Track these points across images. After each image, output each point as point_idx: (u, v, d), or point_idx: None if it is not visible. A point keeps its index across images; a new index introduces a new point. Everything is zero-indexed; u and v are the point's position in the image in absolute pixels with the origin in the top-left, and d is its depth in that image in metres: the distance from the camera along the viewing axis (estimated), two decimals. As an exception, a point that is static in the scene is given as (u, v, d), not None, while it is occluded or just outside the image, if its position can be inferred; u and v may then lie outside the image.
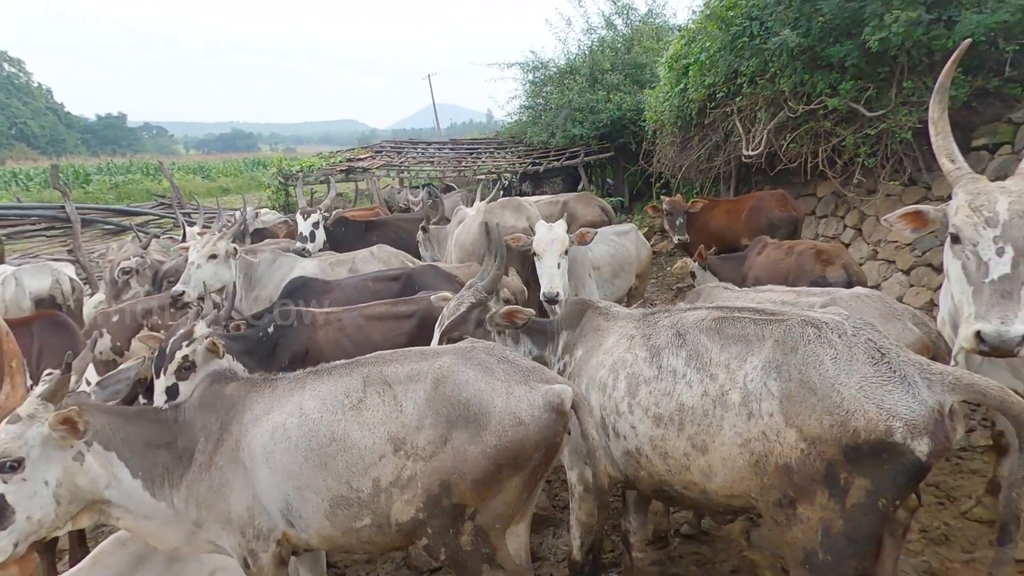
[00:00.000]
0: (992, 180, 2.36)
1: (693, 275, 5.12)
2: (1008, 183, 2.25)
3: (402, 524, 2.02)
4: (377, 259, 5.07)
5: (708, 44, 7.88)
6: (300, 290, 4.21)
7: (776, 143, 7.40)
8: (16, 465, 1.86)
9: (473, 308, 2.71)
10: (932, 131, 2.54)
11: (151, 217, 14.88)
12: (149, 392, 2.98)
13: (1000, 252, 2.14)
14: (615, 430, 2.31)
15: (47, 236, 12.83)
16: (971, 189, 2.27)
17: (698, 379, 2.09)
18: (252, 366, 3.23)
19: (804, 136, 7.07)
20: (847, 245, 7.64)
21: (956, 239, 2.28)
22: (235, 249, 4.79)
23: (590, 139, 14.05)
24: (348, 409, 2.02)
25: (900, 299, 6.21)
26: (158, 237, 9.14)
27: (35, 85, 59.83)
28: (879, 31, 5.61)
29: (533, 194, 13.99)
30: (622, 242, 4.93)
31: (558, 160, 14.33)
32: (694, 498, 2.20)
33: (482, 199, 7.35)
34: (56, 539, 2.95)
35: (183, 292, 4.39)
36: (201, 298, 4.31)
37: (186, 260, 4.73)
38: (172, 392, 2.85)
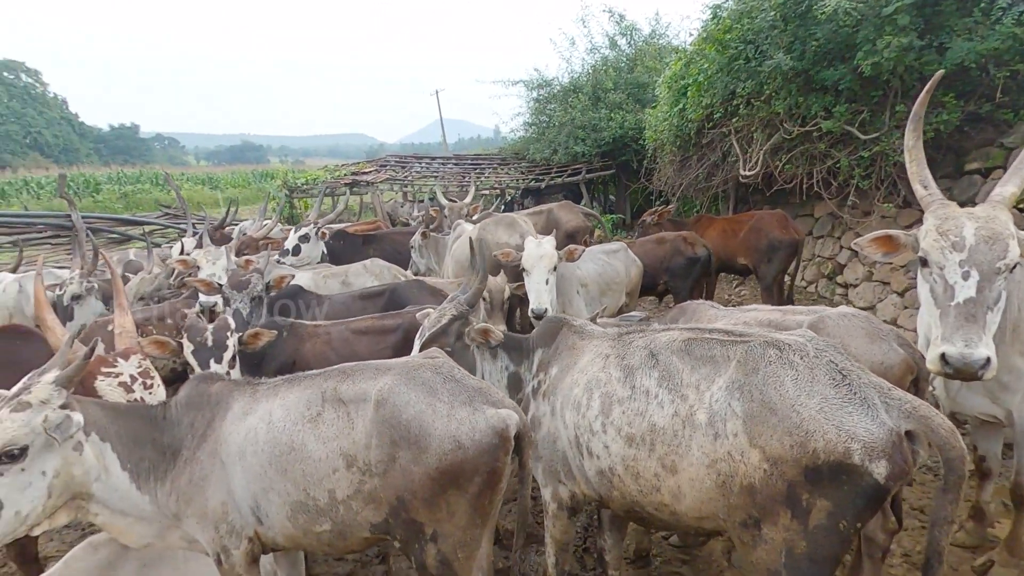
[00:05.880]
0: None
1: None
2: (976, 209, 2.28)
3: (376, 525, 2.08)
4: (370, 272, 5.13)
5: (706, 66, 7.97)
6: (293, 300, 4.28)
7: (772, 164, 7.44)
8: (18, 454, 1.79)
9: (454, 321, 2.75)
10: (907, 158, 2.58)
11: (156, 227, 15.04)
12: None
13: (966, 276, 2.16)
14: (588, 449, 2.33)
15: (52, 244, 13.01)
16: (940, 214, 2.30)
17: (669, 399, 2.10)
18: (242, 372, 3.31)
19: (799, 157, 7.12)
20: (843, 266, 7.66)
21: (925, 263, 2.31)
22: None
23: (592, 156, 14.16)
24: (307, 421, 2.08)
25: (894, 320, 6.19)
26: (159, 247, 9.23)
27: (51, 95, 60.86)
28: (871, 56, 5.67)
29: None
30: (610, 261, 4.96)
31: (560, 176, 14.45)
32: (665, 519, 2.20)
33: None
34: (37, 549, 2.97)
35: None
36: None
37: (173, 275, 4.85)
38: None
